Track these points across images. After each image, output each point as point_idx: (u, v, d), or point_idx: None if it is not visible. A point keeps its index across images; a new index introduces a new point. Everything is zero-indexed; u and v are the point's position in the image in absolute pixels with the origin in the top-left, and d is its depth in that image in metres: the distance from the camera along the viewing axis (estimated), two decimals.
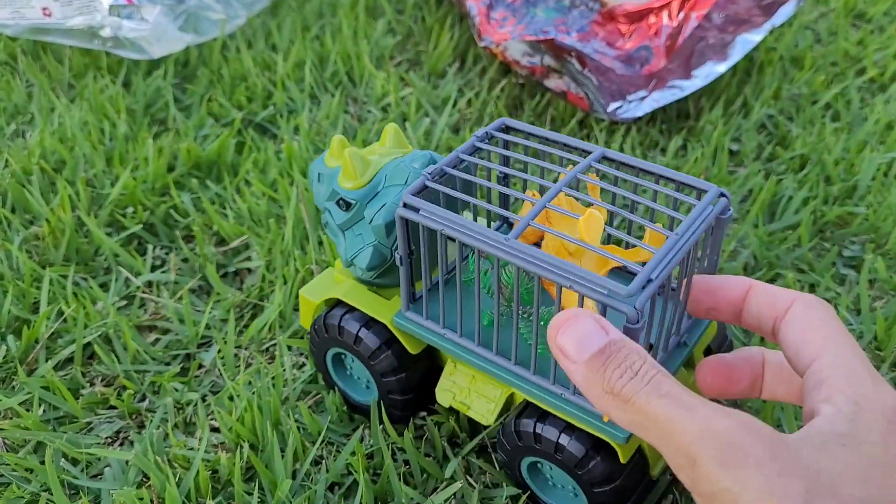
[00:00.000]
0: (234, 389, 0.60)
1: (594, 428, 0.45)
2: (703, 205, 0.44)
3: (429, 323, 0.51)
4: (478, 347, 0.49)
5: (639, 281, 0.39)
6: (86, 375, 0.64)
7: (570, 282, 0.41)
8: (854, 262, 0.74)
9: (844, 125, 0.89)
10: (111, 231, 0.77)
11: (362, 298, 0.55)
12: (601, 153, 0.48)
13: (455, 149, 0.55)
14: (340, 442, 0.59)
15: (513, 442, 0.50)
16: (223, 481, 0.56)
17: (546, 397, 0.47)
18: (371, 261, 0.52)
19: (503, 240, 0.43)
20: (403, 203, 0.47)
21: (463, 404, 0.53)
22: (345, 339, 0.55)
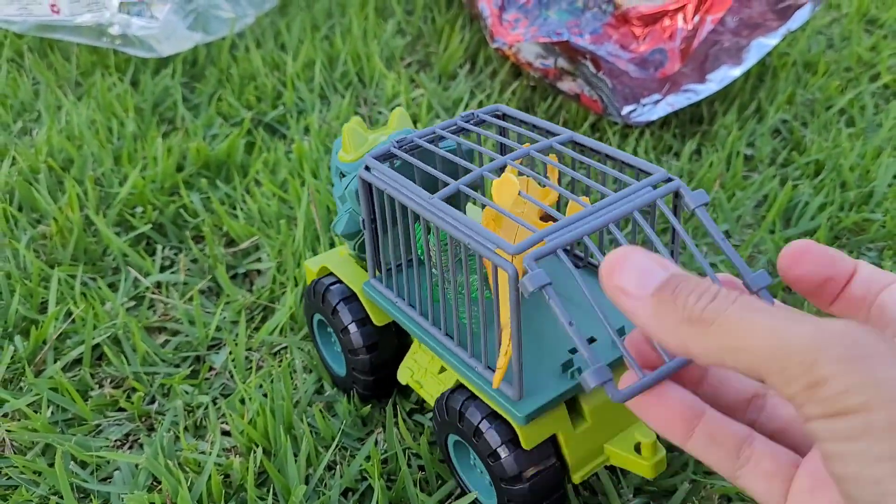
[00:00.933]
0: (246, 392, 0.60)
1: (495, 402, 0.46)
2: (638, 186, 0.41)
3: (387, 292, 0.52)
4: (419, 317, 0.50)
5: (527, 241, 0.39)
6: (94, 377, 0.63)
7: (468, 238, 0.41)
8: None
9: (859, 131, 0.88)
10: (120, 231, 0.76)
11: (348, 270, 0.57)
12: (569, 136, 0.48)
13: None
14: (354, 447, 0.58)
15: (442, 416, 0.51)
16: (235, 486, 0.55)
17: (462, 369, 0.47)
18: (346, 227, 0.54)
19: (427, 198, 0.44)
20: (366, 166, 0.49)
21: (417, 383, 0.54)
22: (325, 308, 0.57)
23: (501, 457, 0.47)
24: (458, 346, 0.47)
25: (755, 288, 0.35)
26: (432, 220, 0.44)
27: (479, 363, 0.46)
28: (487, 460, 0.47)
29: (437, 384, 0.53)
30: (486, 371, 0.46)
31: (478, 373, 0.46)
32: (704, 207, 0.40)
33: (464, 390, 0.50)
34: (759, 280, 0.35)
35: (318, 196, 0.76)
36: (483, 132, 0.51)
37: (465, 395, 0.49)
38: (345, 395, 0.60)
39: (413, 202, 0.45)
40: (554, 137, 0.48)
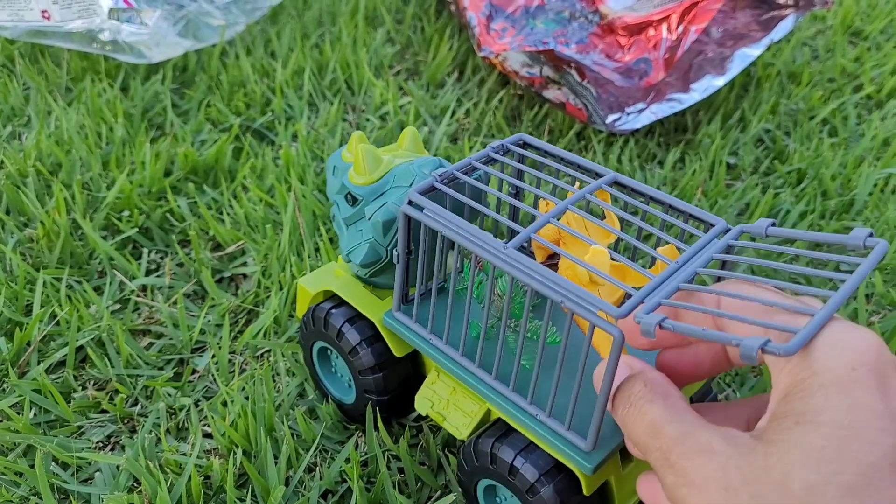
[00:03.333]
0: (228, 395, 0.60)
1: (562, 454, 0.44)
2: (709, 236, 0.43)
3: (416, 326, 0.51)
4: (461, 357, 0.49)
5: (630, 303, 0.39)
6: (78, 379, 0.63)
7: (561, 297, 0.40)
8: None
9: (841, 140, 0.89)
10: (106, 234, 0.76)
11: (355, 294, 0.55)
12: (613, 177, 0.48)
13: (466, 157, 0.55)
14: (335, 449, 0.58)
15: (471, 462, 0.49)
16: (215, 487, 0.55)
17: (519, 416, 0.46)
18: (365, 257, 0.52)
19: (501, 247, 0.43)
20: (409, 201, 0.47)
21: (440, 415, 0.52)
22: (328, 332, 0.55)
23: (541, 491, 0.46)
24: (514, 393, 0.46)
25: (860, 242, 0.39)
26: (510, 271, 0.42)
27: (541, 411, 0.45)
28: (527, 496, 0.46)
29: (463, 416, 0.51)
30: (551, 420, 0.45)
31: (538, 420, 0.45)
32: (773, 227, 0.43)
33: (492, 432, 0.48)
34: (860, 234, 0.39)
35: (304, 201, 0.77)
36: (519, 166, 0.50)
37: (494, 435, 0.48)
38: (325, 399, 0.60)
39: (481, 249, 0.43)
40: (601, 179, 0.47)
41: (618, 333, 0.39)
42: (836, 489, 0.29)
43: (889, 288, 0.71)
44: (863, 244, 0.39)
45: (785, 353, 0.32)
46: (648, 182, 0.83)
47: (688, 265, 0.42)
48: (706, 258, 0.42)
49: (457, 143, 0.89)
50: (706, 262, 0.42)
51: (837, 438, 0.30)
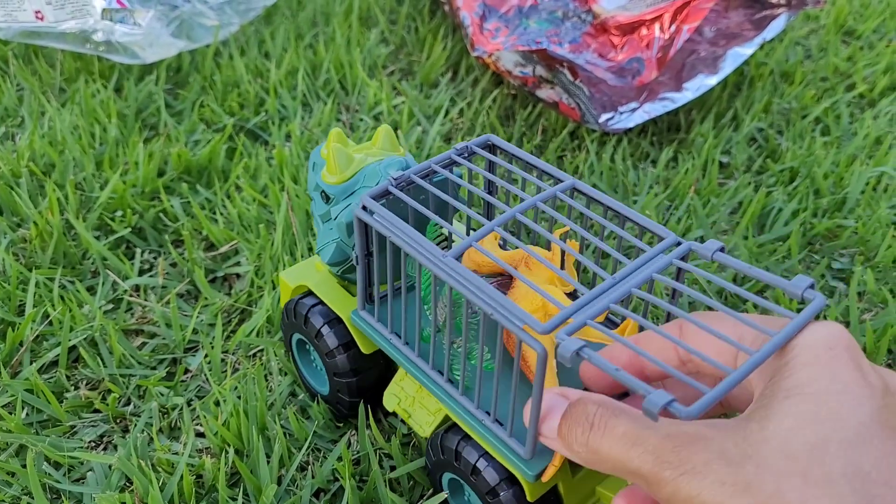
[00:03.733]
0: (221, 394, 0.60)
1: (506, 460, 0.45)
2: (654, 252, 0.43)
3: (378, 325, 0.52)
4: (417, 358, 0.49)
5: (555, 320, 0.39)
6: (70, 379, 0.63)
7: (492, 310, 0.41)
8: (843, 275, 0.74)
9: (834, 139, 0.90)
10: (99, 234, 0.76)
11: (330, 291, 0.56)
12: (571, 184, 0.48)
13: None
14: (327, 448, 0.58)
15: (437, 454, 0.50)
16: (207, 486, 0.55)
17: (468, 419, 0.47)
18: (332, 256, 0.53)
19: (441, 256, 0.43)
20: (362, 205, 0.48)
21: (405, 411, 0.53)
22: (308, 330, 0.56)
23: (500, 495, 0.46)
24: (463, 396, 0.47)
25: (798, 292, 0.39)
26: (447, 280, 0.43)
27: (487, 416, 0.46)
28: (486, 497, 0.47)
29: (427, 414, 0.52)
30: (495, 425, 0.45)
31: (484, 424, 0.46)
32: (721, 252, 0.42)
33: (459, 430, 0.49)
34: (801, 283, 0.39)
35: (297, 201, 0.77)
36: (475, 168, 0.50)
37: (460, 434, 0.49)
38: (316, 398, 0.60)
39: (425, 258, 0.44)
40: (557, 186, 0.48)
41: (540, 349, 0.39)
42: (838, 445, 0.31)
43: (881, 286, 0.71)
44: (801, 296, 0.39)
45: (686, 416, 0.33)
46: (641, 182, 0.83)
47: (623, 282, 0.41)
48: (644, 277, 0.42)
49: (450, 143, 0.89)
50: (643, 281, 0.41)
51: (827, 403, 0.32)
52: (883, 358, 0.64)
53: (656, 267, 0.42)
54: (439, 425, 0.52)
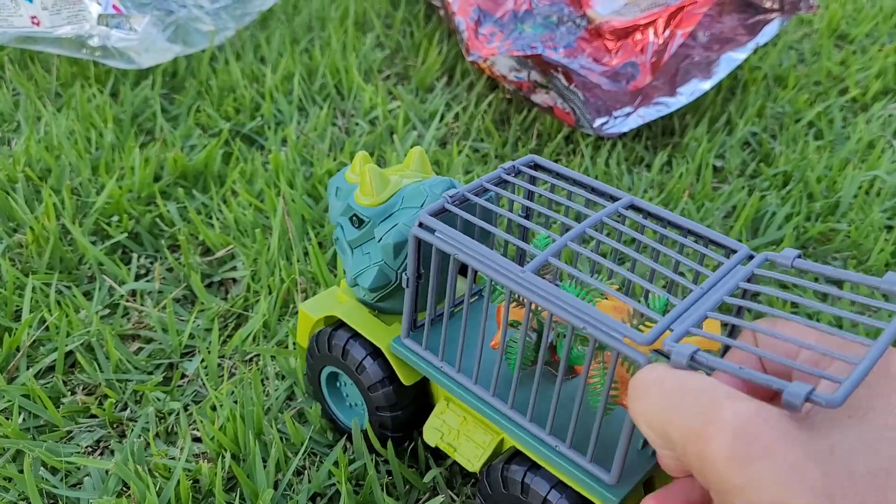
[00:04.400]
0: (217, 399, 0.60)
1: (583, 486, 0.43)
2: (732, 262, 0.42)
3: (426, 353, 0.49)
4: (474, 386, 0.47)
5: (656, 330, 0.37)
6: (67, 384, 0.64)
7: (584, 324, 0.39)
8: (837, 280, 0.74)
9: (827, 143, 0.90)
10: (96, 240, 0.76)
11: (363, 321, 0.53)
12: (630, 201, 0.47)
13: (480, 177, 0.54)
14: (323, 452, 0.58)
15: (497, 489, 0.48)
16: (204, 491, 0.55)
17: (538, 447, 0.45)
18: (375, 281, 0.50)
19: (518, 272, 0.41)
20: (419, 223, 0.45)
21: (450, 446, 0.51)
22: (348, 363, 0.54)
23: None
24: (531, 423, 0.45)
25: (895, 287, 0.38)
26: (529, 296, 0.41)
27: (561, 442, 0.44)
28: None
29: (476, 447, 0.50)
30: (571, 451, 0.43)
31: (558, 451, 0.44)
32: (799, 258, 0.41)
33: (522, 460, 0.46)
34: (894, 279, 0.38)
35: (293, 206, 0.77)
36: (531, 187, 0.49)
37: (525, 464, 0.46)
38: (313, 404, 0.60)
39: (497, 273, 0.42)
40: (617, 202, 0.46)
41: (643, 360, 0.37)
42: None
43: (873, 290, 0.72)
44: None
45: (829, 403, 0.32)
46: (636, 186, 0.83)
47: (712, 292, 0.40)
48: (731, 286, 0.40)
49: (445, 147, 0.90)
50: (732, 289, 0.40)
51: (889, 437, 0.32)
52: None
53: (740, 277, 0.41)
54: (489, 458, 0.50)
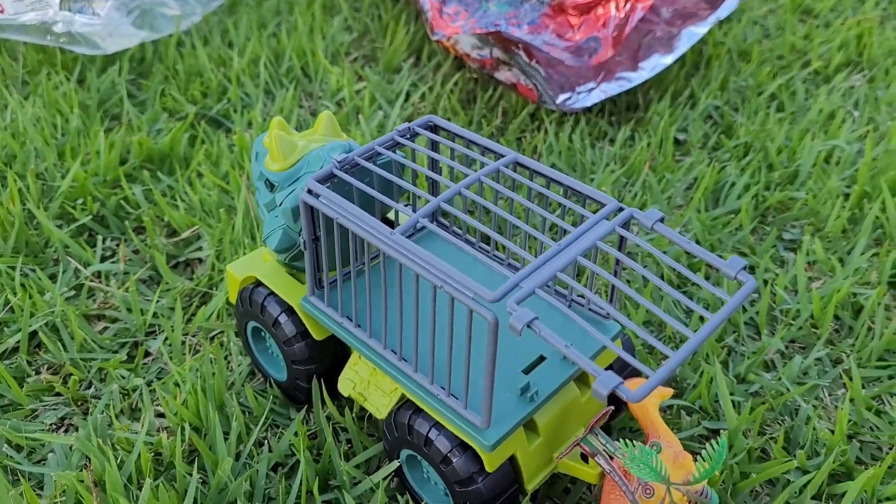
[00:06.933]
0: (180, 375, 0.61)
1: (461, 430, 0.46)
2: (596, 218, 0.44)
3: (329, 310, 0.52)
4: (369, 339, 0.50)
5: (504, 288, 0.40)
6: (32, 364, 0.64)
7: (441, 282, 0.42)
8: (794, 246, 0.75)
9: (788, 115, 0.91)
10: (61, 223, 0.77)
11: (278, 280, 0.56)
12: (514, 158, 0.49)
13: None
14: (284, 424, 0.59)
15: (392, 433, 0.51)
16: (166, 463, 0.56)
17: (422, 394, 0.48)
18: (280, 243, 0.53)
19: (388, 234, 0.44)
20: (308, 189, 0.48)
21: (361, 395, 0.54)
22: (265, 318, 0.57)
23: (453, 462, 0.47)
24: (417, 373, 0.48)
25: (732, 273, 0.40)
26: (396, 257, 0.43)
27: (442, 391, 0.47)
28: (440, 466, 0.48)
29: (383, 396, 0.53)
30: (450, 399, 0.46)
31: (439, 399, 0.47)
32: (661, 222, 0.43)
33: (409, 406, 0.50)
34: (735, 265, 0.40)
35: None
36: (418, 148, 0.50)
37: (411, 409, 0.50)
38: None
39: (373, 237, 0.45)
40: (500, 160, 0.49)
41: (492, 317, 0.40)
42: None
43: (829, 255, 0.73)
44: (734, 277, 0.41)
45: (631, 399, 0.35)
46: (597, 160, 0.84)
47: (569, 249, 0.43)
48: (588, 244, 0.43)
49: None
50: (587, 248, 0.43)
51: None
52: (829, 324, 0.66)
53: (599, 234, 0.44)
54: (395, 406, 0.52)
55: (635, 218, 0.45)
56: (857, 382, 0.60)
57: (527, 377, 0.49)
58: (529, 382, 0.48)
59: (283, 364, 0.59)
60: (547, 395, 0.48)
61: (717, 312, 0.39)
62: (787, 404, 0.61)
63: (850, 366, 0.63)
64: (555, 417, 0.50)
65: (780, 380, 0.62)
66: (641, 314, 0.65)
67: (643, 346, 0.64)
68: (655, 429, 0.50)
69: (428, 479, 0.52)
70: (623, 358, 0.37)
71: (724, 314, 0.39)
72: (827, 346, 0.66)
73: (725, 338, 0.66)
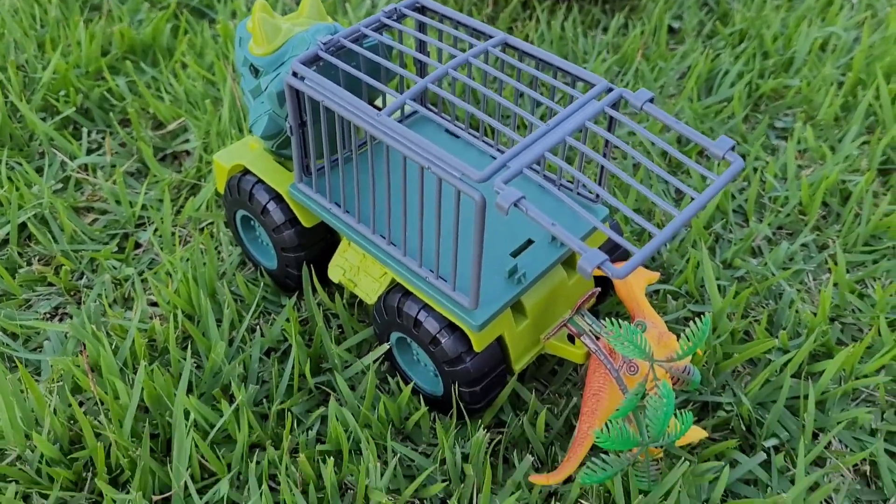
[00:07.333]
0: (171, 265, 0.61)
1: (449, 312, 0.47)
2: (585, 98, 0.44)
3: (317, 196, 0.52)
4: (358, 224, 0.50)
5: (492, 167, 0.40)
6: (23, 255, 0.64)
7: (428, 163, 0.41)
8: (785, 134, 0.75)
9: (785, 1, 0.89)
10: (45, 116, 0.76)
11: (266, 167, 0.56)
12: (503, 39, 0.48)
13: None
14: (276, 311, 0.60)
15: (382, 316, 0.52)
16: (160, 349, 0.57)
17: (411, 277, 0.48)
18: (266, 129, 0.52)
19: (375, 115, 0.43)
20: (292, 71, 0.47)
21: (351, 281, 0.54)
22: (253, 206, 0.56)
23: (442, 342, 0.48)
24: (406, 257, 0.48)
25: (720, 153, 0.40)
26: (383, 139, 0.43)
27: (431, 273, 0.47)
28: (429, 347, 0.49)
29: (372, 281, 0.53)
30: (439, 281, 0.46)
31: (428, 282, 0.47)
32: (651, 103, 0.43)
33: (399, 289, 0.50)
34: (724, 145, 0.40)
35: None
36: (405, 29, 0.49)
37: (400, 292, 0.50)
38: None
39: (360, 119, 0.44)
40: (488, 41, 0.47)
41: (479, 197, 0.40)
42: None
43: (820, 143, 0.73)
44: (722, 157, 0.40)
45: (615, 275, 0.36)
46: (589, 49, 0.83)
47: (558, 129, 0.42)
48: (577, 124, 0.42)
49: None
50: (575, 128, 0.42)
51: None
52: (817, 210, 0.66)
53: (588, 114, 0.43)
54: (385, 291, 0.53)
55: (624, 97, 0.44)
56: (841, 266, 0.61)
57: (514, 260, 0.49)
58: (517, 265, 0.48)
59: (273, 252, 0.59)
60: (534, 277, 0.49)
61: (704, 191, 0.39)
62: (771, 288, 0.61)
63: (835, 251, 0.64)
64: (542, 299, 0.50)
65: (765, 265, 0.63)
66: (631, 202, 0.66)
67: (631, 233, 0.65)
68: (641, 310, 0.51)
69: (417, 360, 0.54)
70: (610, 236, 0.37)
71: (711, 192, 0.39)
72: (814, 232, 0.66)
73: (713, 224, 0.66)
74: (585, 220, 0.43)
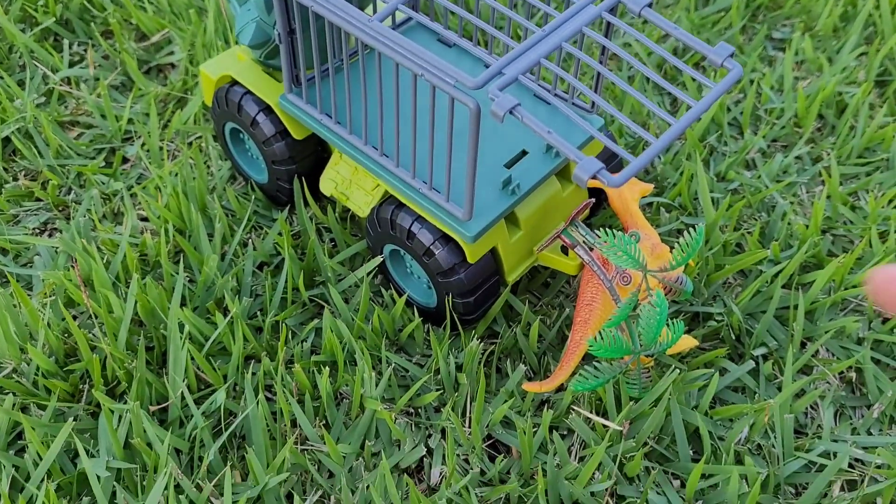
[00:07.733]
0: (160, 179, 0.60)
1: (443, 223, 0.47)
2: (582, 3, 0.42)
3: (308, 107, 0.51)
4: (349, 136, 0.49)
5: (487, 74, 0.39)
6: (8, 170, 0.63)
7: (422, 70, 0.40)
8: (783, 45, 0.74)
9: None
10: (24, 27, 0.73)
11: (254, 78, 0.55)
12: None
13: None
14: (268, 225, 0.60)
15: (375, 228, 0.52)
16: (152, 263, 0.57)
17: (405, 189, 0.48)
18: (254, 37, 0.51)
19: (366, 20, 0.42)
20: None
21: (343, 194, 0.54)
22: (242, 119, 0.55)
23: (436, 253, 0.48)
24: (399, 168, 0.47)
25: (719, 60, 0.39)
26: (375, 46, 0.41)
27: (424, 185, 0.46)
28: (423, 258, 0.49)
29: (365, 194, 0.52)
30: (432, 192, 0.46)
31: (421, 193, 0.47)
32: (649, 7, 0.41)
33: (392, 201, 0.50)
34: (723, 51, 0.39)
35: None
36: None
37: (393, 204, 0.49)
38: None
39: (351, 25, 0.42)
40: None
41: (473, 104, 0.39)
42: None
43: (818, 54, 0.72)
44: (721, 64, 0.39)
45: (611, 184, 0.35)
46: None
47: (555, 34, 0.41)
48: (573, 29, 0.41)
49: None
50: (572, 34, 0.41)
51: None
52: (812, 122, 0.66)
53: (585, 19, 0.42)
54: (377, 204, 0.52)
55: (623, 2, 0.43)
56: (835, 178, 0.61)
57: (509, 171, 0.49)
58: (511, 176, 0.48)
59: (264, 166, 0.58)
60: (528, 188, 0.49)
61: (701, 99, 0.39)
62: (764, 201, 0.61)
63: (829, 163, 0.64)
64: (536, 211, 0.50)
65: (759, 177, 0.63)
66: (627, 111, 0.65)
67: (626, 146, 0.64)
68: (635, 222, 0.51)
69: (411, 273, 0.54)
70: (607, 145, 0.37)
71: (709, 99, 0.38)
72: (808, 144, 0.66)
73: (708, 137, 0.65)
74: (581, 129, 0.42)
